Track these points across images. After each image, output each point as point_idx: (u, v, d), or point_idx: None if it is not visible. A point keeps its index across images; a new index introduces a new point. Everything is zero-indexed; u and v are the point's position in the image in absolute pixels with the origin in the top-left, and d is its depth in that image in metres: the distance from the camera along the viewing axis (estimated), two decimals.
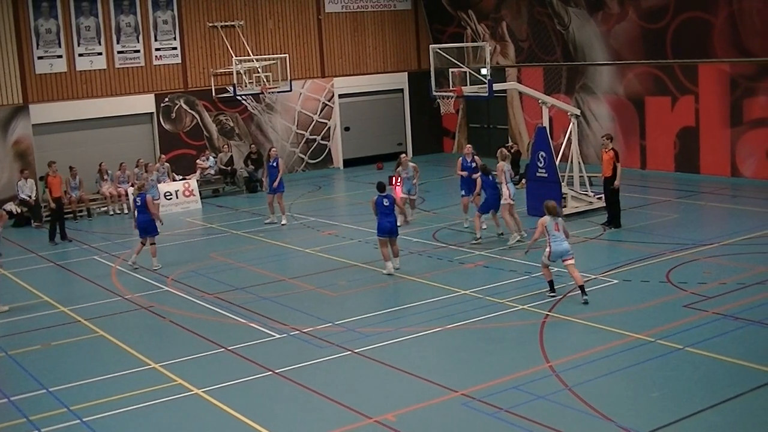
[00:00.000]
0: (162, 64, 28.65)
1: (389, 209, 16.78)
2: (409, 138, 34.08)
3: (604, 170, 19.50)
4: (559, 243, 14.56)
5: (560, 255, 14.73)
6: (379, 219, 16.76)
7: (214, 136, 29.72)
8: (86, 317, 15.30)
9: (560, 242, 14.56)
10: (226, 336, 13.78)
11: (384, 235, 16.74)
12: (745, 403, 10.27)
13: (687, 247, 17.50)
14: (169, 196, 25.71)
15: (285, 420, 10.55)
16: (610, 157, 19.33)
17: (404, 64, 33.82)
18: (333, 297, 15.72)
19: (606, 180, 19.56)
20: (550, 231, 14.65)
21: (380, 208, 16.73)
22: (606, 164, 19.40)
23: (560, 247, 14.56)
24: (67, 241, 21.90)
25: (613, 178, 19.24)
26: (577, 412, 10.20)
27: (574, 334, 12.98)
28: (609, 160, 19.31)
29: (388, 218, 16.71)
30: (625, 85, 27.83)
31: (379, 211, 16.76)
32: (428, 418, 10.35)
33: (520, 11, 30.74)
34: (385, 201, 16.76)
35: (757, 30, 24.13)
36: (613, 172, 19.23)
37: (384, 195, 16.82)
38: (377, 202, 16.78)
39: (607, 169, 19.38)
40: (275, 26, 30.88)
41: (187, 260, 19.26)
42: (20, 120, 25.79)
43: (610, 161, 19.30)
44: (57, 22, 26.71)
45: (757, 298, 14.04)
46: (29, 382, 12.29)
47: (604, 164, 19.47)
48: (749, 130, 24.80)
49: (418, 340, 13.11)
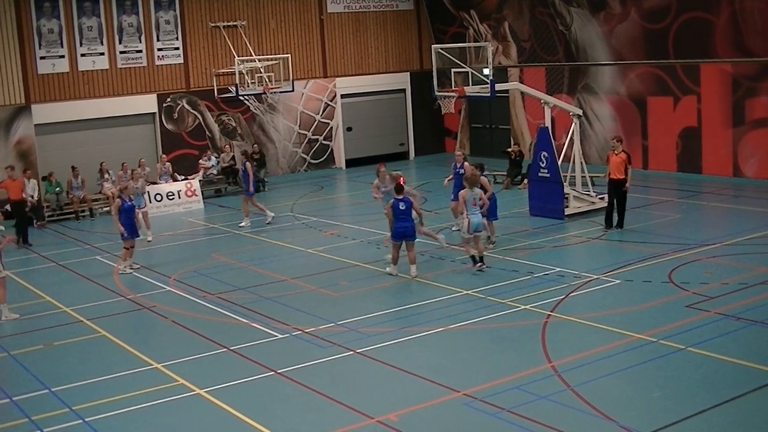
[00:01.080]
0: (164, 64, 28.68)
1: (405, 213, 16.35)
2: (411, 138, 34.09)
3: (614, 172, 19.16)
4: (477, 215, 16.03)
5: (476, 227, 15.98)
6: (394, 223, 16.43)
7: (217, 136, 29.75)
8: (88, 317, 15.31)
9: (477, 214, 16.07)
10: (228, 336, 13.79)
11: (398, 239, 16.45)
12: (746, 403, 10.26)
13: (689, 247, 17.49)
14: (171, 196, 25.74)
15: (287, 420, 10.56)
16: (621, 159, 19.09)
17: (406, 64, 33.83)
18: (335, 297, 15.73)
19: (614, 182, 19.22)
20: (468, 204, 15.88)
21: (396, 212, 16.37)
22: (617, 166, 19.10)
23: (477, 218, 16.02)
24: (26, 246, 21.46)
25: (624, 180, 19.04)
26: (578, 413, 10.20)
27: (575, 335, 12.98)
28: (621, 163, 19.06)
29: (403, 222, 16.29)
30: (627, 85, 27.82)
31: (394, 215, 16.42)
32: (430, 418, 10.35)
33: (522, 11, 30.74)
34: (401, 205, 16.32)
35: (759, 30, 24.12)
36: (624, 174, 19.03)
37: (400, 199, 16.38)
38: (393, 206, 16.43)
39: (617, 170, 19.10)
40: (277, 26, 30.90)
41: (189, 260, 19.28)
42: (22, 120, 25.82)
43: (621, 163, 19.05)
44: (59, 22, 26.74)
45: (759, 299, 14.03)
46: (31, 382, 12.30)
47: (614, 166, 19.14)
48: (751, 130, 24.79)
49: (420, 341, 13.11)
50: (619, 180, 19.14)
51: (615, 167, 19.15)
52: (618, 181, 19.16)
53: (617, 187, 19.22)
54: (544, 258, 17.39)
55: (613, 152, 19.31)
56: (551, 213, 20.83)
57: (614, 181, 19.22)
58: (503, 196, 24.42)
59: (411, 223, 16.44)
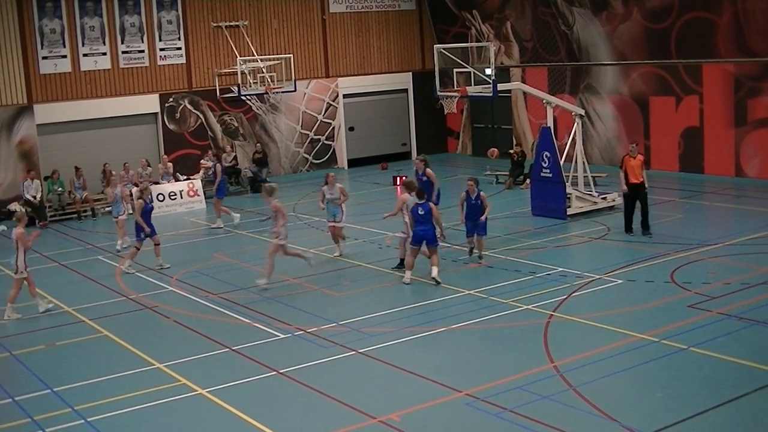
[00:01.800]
0: (166, 65, 28.69)
1: (425, 218, 16.07)
2: (414, 138, 34.08)
3: (635, 175, 18.72)
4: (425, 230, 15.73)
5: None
6: (414, 227, 16.18)
7: (219, 136, 29.75)
8: (90, 317, 15.32)
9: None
10: (230, 336, 13.79)
11: (417, 244, 16.17)
12: (749, 403, 10.26)
13: (691, 248, 17.48)
14: (173, 197, 25.75)
15: (289, 420, 10.56)
16: (640, 162, 18.77)
17: (408, 64, 33.81)
18: (337, 297, 15.73)
19: (634, 185, 18.76)
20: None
21: (415, 217, 16.11)
22: (636, 169, 18.70)
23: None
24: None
25: (643, 183, 18.76)
26: (581, 412, 10.20)
27: (578, 334, 12.97)
28: (640, 166, 18.73)
29: (422, 226, 16.03)
30: (629, 85, 27.80)
31: (414, 220, 16.16)
32: (432, 418, 10.35)
33: (524, 11, 30.73)
34: (420, 210, 16.08)
35: (761, 30, 24.10)
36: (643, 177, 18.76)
37: (420, 203, 16.10)
38: (412, 211, 16.20)
39: (638, 174, 18.71)
40: (279, 26, 30.90)
41: (191, 260, 19.28)
42: (25, 120, 25.82)
43: (640, 167, 18.74)
44: (61, 22, 26.75)
45: (761, 298, 14.02)
46: (33, 382, 12.31)
47: (633, 170, 18.71)
48: (753, 130, 24.77)
49: (422, 341, 13.11)
50: (638, 183, 18.76)
51: (634, 171, 18.75)
52: (638, 185, 18.76)
53: (638, 190, 18.79)
54: (547, 258, 17.38)
55: (631, 156, 18.89)
56: (553, 213, 20.82)
57: (634, 185, 18.78)
58: (505, 196, 24.48)
59: (431, 227, 16.06)
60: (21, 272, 15.50)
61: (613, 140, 28.40)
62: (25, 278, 15.58)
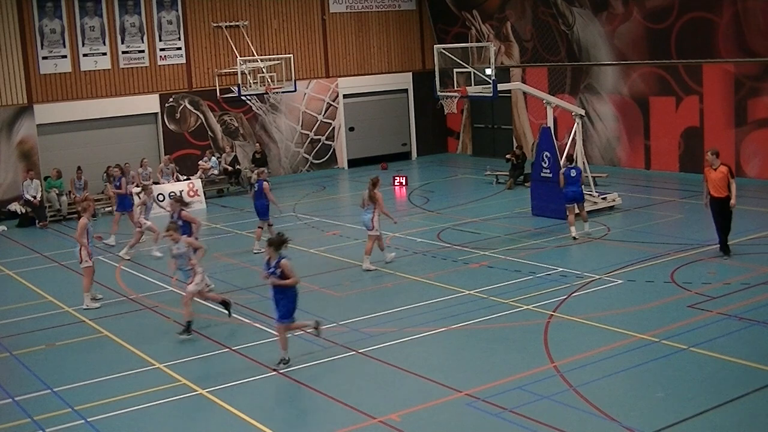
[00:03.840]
0: (166, 65, 28.69)
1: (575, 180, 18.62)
2: (414, 138, 34.08)
3: (716, 189, 16.35)
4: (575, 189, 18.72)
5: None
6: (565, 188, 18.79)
7: (219, 136, 29.76)
8: (90, 317, 15.32)
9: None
10: (231, 336, 13.79)
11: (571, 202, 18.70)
12: (749, 403, 10.25)
13: (691, 248, 17.48)
14: (173, 197, 25.68)
15: (289, 420, 10.56)
16: (723, 174, 16.26)
17: (409, 65, 33.81)
18: (337, 297, 15.73)
19: (717, 200, 16.41)
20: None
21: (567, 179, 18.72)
22: (718, 183, 16.29)
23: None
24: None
25: (728, 197, 16.28)
26: (581, 413, 10.20)
27: (578, 335, 12.97)
28: (722, 178, 16.25)
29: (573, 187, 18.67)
30: (629, 85, 27.80)
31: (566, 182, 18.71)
32: (432, 418, 10.35)
33: (524, 11, 30.73)
34: (573, 172, 18.51)
35: (762, 30, 24.10)
36: (728, 191, 16.29)
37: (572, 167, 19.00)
38: (564, 174, 18.69)
39: (720, 188, 16.30)
40: (279, 26, 30.90)
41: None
42: (25, 120, 25.83)
43: (723, 179, 16.24)
44: (61, 23, 26.75)
45: (761, 298, 14.01)
46: (33, 382, 12.30)
47: (715, 183, 16.34)
48: (753, 130, 24.76)
49: (422, 341, 13.11)
50: (722, 198, 16.35)
51: (715, 185, 16.36)
52: (722, 200, 16.36)
53: (722, 206, 16.41)
54: (547, 258, 17.39)
55: (711, 167, 16.42)
56: (553, 213, 20.80)
57: (717, 199, 16.39)
58: (505, 196, 24.50)
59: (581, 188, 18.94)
60: (85, 261, 15.77)
61: (613, 140, 28.40)
62: (89, 267, 15.82)
